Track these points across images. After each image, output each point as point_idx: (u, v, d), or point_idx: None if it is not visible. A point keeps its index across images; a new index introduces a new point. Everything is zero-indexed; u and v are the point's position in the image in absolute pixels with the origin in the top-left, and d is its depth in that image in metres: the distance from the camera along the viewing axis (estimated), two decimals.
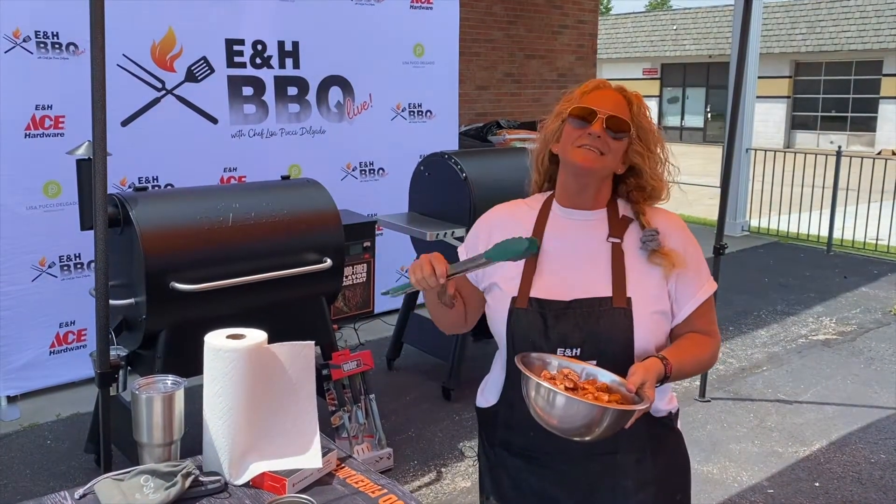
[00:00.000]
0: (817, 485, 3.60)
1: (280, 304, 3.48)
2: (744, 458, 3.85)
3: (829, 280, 7.24)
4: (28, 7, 4.09)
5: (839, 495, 3.51)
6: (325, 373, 3.48)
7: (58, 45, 4.21)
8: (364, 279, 4.19)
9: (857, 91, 22.80)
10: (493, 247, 1.55)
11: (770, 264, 7.91)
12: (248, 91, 4.97)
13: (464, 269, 1.59)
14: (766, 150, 9.64)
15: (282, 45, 5.07)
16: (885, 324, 5.93)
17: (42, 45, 4.16)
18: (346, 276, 4.01)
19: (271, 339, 1.67)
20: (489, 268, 1.71)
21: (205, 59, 4.75)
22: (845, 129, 23.11)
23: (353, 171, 5.57)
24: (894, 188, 8.88)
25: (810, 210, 9.08)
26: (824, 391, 4.67)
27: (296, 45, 5.13)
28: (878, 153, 18.99)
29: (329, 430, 3.45)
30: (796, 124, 24.27)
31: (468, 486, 3.55)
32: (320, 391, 3.45)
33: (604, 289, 1.61)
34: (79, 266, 4.44)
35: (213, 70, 4.78)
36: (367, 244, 4.14)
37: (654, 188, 1.68)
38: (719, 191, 4.61)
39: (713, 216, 7.27)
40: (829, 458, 3.85)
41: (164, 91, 4.61)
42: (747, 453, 3.90)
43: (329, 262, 3.55)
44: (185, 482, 1.52)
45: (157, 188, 4.58)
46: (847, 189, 8.82)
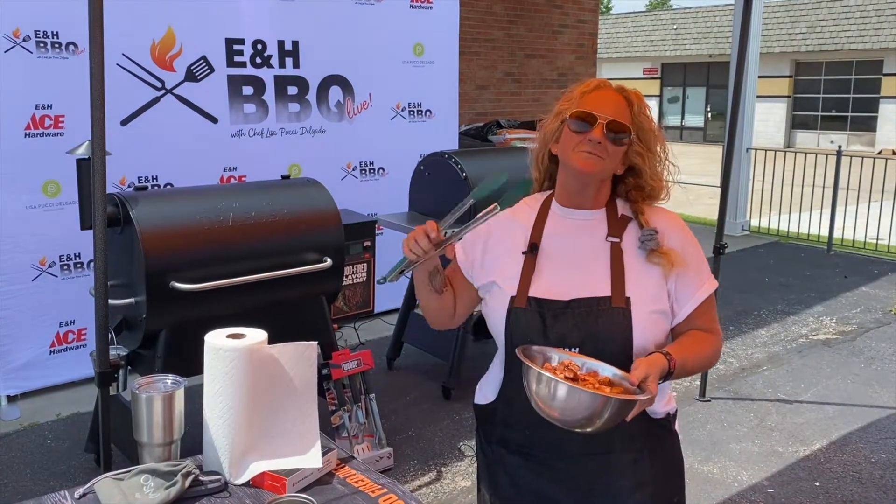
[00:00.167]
0: (817, 484, 3.60)
1: (280, 304, 3.48)
2: (744, 458, 3.85)
3: (830, 280, 7.24)
4: (28, 6, 4.09)
5: (839, 495, 3.51)
6: (325, 372, 3.48)
7: (57, 45, 4.21)
8: (364, 279, 4.19)
9: (858, 91, 22.80)
10: (476, 188, 1.62)
11: (770, 264, 7.91)
12: (248, 90, 4.97)
13: (453, 221, 1.61)
14: (766, 150, 9.64)
15: (282, 44, 5.07)
16: (886, 323, 5.93)
17: (42, 45, 4.15)
18: (347, 276, 4.01)
19: (271, 339, 1.67)
20: (487, 266, 1.72)
21: (204, 58, 4.75)
22: (845, 128, 23.11)
23: (354, 170, 5.57)
24: (895, 188, 8.88)
25: (811, 210, 9.08)
26: (824, 391, 4.67)
27: (296, 44, 5.13)
28: (879, 153, 18.99)
29: (329, 430, 3.45)
30: (796, 124, 24.27)
31: (468, 485, 3.55)
32: (320, 391, 3.45)
33: (602, 288, 1.61)
34: (79, 265, 4.44)
35: (212, 69, 4.78)
36: (367, 244, 4.15)
37: (653, 188, 1.67)
38: (719, 190, 4.61)
39: (713, 216, 7.27)
40: (830, 457, 3.85)
41: (163, 90, 4.61)
42: (747, 453, 3.90)
43: (329, 261, 3.55)
44: (185, 482, 1.52)
45: (156, 188, 4.58)
46: (847, 189, 8.82)
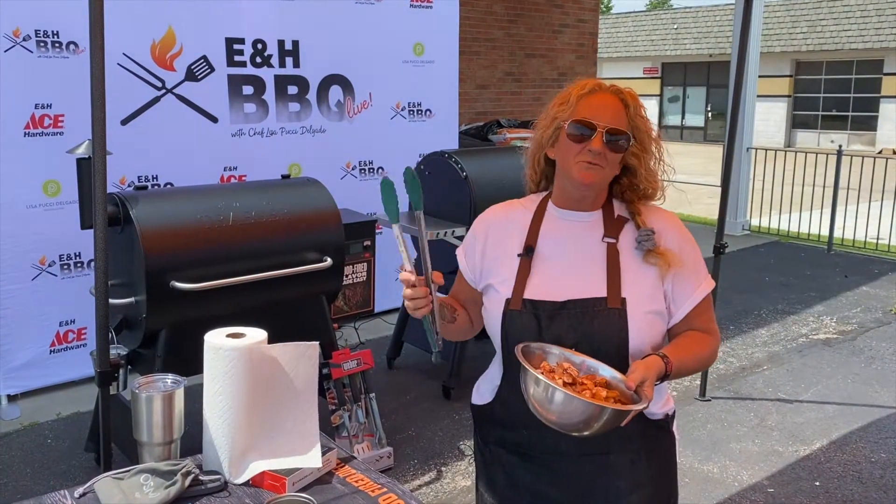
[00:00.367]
0: (818, 484, 3.60)
1: (280, 304, 3.48)
2: (744, 458, 3.85)
3: (830, 279, 7.24)
4: (28, 6, 4.09)
5: (839, 494, 3.51)
6: (325, 372, 3.47)
7: (58, 44, 4.20)
8: (364, 278, 4.19)
9: (858, 90, 22.78)
10: (389, 215, 1.65)
11: (770, 263, 7.90)
12: (248, 90, 4.97)
13: (412, 254, 1.63)
14: (766, 150, 9.63)
15: (282, 43, 5.07)
16: (886, 323, 5.93)
17: (42, 44, 4.15)
18: (347, 275, 4.01)
19: (271, 339, 1.66)
20: (486, 268, 1.72)
21: (205, 58, 4.75)
22: (846, 128, 23.09)
23: (353, 170, 5.56)
24: (895, 187, 8.87)
25: (811, 209, 9.07)
26: (825, 390, 4.67)
27: (296, 43, 5.13)
28: (879, 152, 18.99)
29: (329, 429, 3.45)
30: (797, 123, 24.25)
31: (468, 484, 3.55)
32: (320, 390, 3.45)
33: (598, 289, 1.60)
34: (79, 265, 4.44)
35: (213, 69, 4.78)
36: (367, 243, 4.15)
37: (648, 188, 1.67)
38: (720, 190, 4.61)
39: (713, 215, 7.26)
40: (830, 457, 3.85)
41: (164, 90, 4.61)
42: (748, 452, 3.90)
43: (329, 261, 3.55)
44: (184, 481, 1.52)
45: (157, 187, 4.58)
46: (848, 188, 8.81)
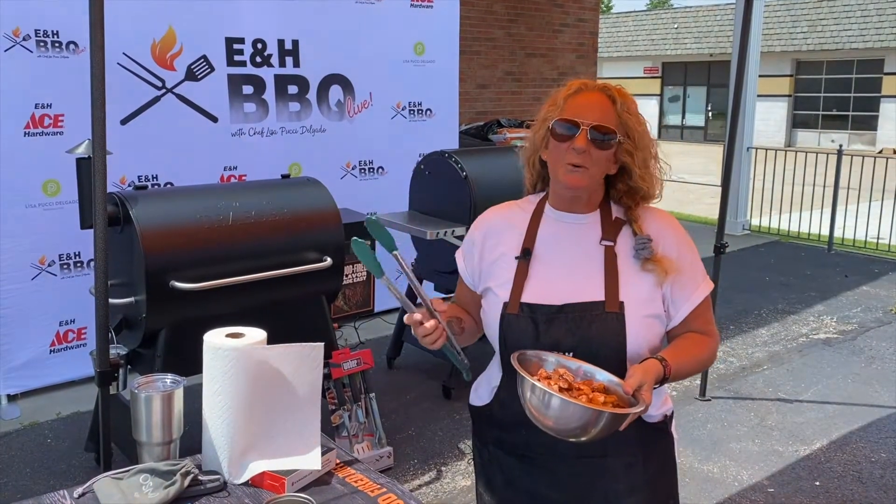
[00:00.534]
0: (818, 484, 3.60)
1: (280, 303, 3.48)
2: (744, 457, 3.84)
3: (830, 279, 7.23)
4: (28, 5, 4.09)
5: (840, 494, 3.51)
6: (325, 371, 3.47)
7: (58, 44, 4.20)
8: (364, 278, 4.19)
9: (859, 90, 22.77)
10: (369, 265, 1.65)
11: (771, 263, 7.90)
12: (248, 90, 4.96)
13: (402, 299, 1.64)
14: (767, 149, 9.63)
15: (282, 43, 5.06)
16: (886, 323, 5.93)
17: (42, 44, 4.15)
18: (347, 275, 4.01)
19: (271, 338, 1.66)
20: (484, 272, 1.72)
21: (205, 57, 4.75)
22: (846, 127, 23.08)
23: (354, 169, 5.56)
24: (895, 187, 8.87)
25: (811, 209, 9.07)
26: (825, 390, 4.67)
27: (296, 43, 5.13)
28: (880, 152, 18.98)
29: (329, 429, 3.45)
30: (797, 123, 24.24)
31: (468, 484, 3.55)
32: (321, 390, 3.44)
33: (596, 293, 1.60)
34: (79, 264, 4.44)
35: (213, 68, 4.78)
36: (367, 243, 4.14)
37: (644, 188, 1.65)
38: (720, 189, 4.61)
39: (714, 215, 7.25)
40: (830, 457, 3.85)
41: (164, 90, 4.61)
42: (748, 452, 3.90)
43: (329, 260, 3.54)
44: (184, 481, 1.52)
45: (157, 187, 4.58)
46: (848, 188, 8.81)
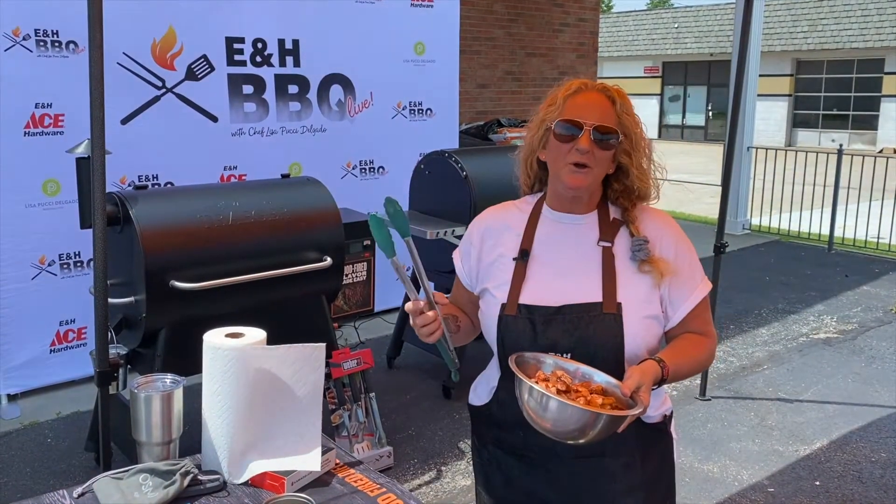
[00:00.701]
0: (818, 483, 3.60)
1: (280, 303, 3.48)
2: (744, 457, 3.84)
3: (831, 278, 7.23)
4: (28, 5, 4.08)
5: (840, 494, 3.51)
6: (325, 371, 3.47)
7: (58, 44, 4.20)
8: (364, 277, 4.19)
9: (859, 89, 22.76)
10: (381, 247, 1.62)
11: (771, 263, 7.90)
12: (248, 89, 4.96)
13: (411, 284, 1.60)
14: (767, 149, 9.63)
15: (282, 43, 5.06)
16: (886, 322, 5.92)
17: (42, 44, 4.15)
18: (347, 275, 4.01)
19: (271, 338, 1.66)
20: (482, 273, 1.71)
21: (205, 57, 4.74)
22: (847, 127, 23.07)
23: (354, 169, 5.56)
24: None
25: (811, 208, 9.07)
26: (825, 390, 4.67)
27: (296, 43, 5.12)
28: (880, 151, 18.98)
29: (329, 429, 3.45)
30: (797, 122, 24.24)
31: (468, 484, 3.55)
32: None
33: (594, 294, 1.59)
34: (79, 264, 4.43)
35: (213, 68, 4.78)
36: (367, 242, 4.14)
37: (641, 188, 1.65)
38: (720, 189, 4.61)
39: (714, 214, 7.26)
40: (830, 456, 3.85)
41: (164, 89, 4.61)
42: (748, 452, 3.90)
43: (329, 260, 3.54)
44: (183, 481, 1.52)
45: (157, 186, 4.58)
46: (848, 187, 8.81)
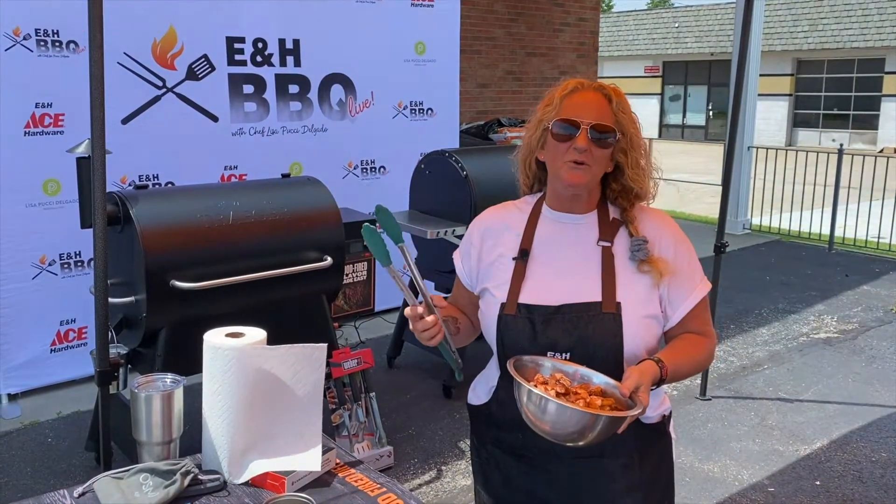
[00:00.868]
0: (818, 483, 3.60)
1: (280, 303, 3.48)
2: (745, 457, 3.84)
3: (831, 278, 7.23)
4: (28, 5, 4.09)
5: (840, 494, 3.51)
6: (325, 371, 3.47)
7: (58, 43, 4.20)
8: (364, 277, 4.19)
9: (860, 89, 22.76)
10: (378, 257, 1.60)
11: (771, 262, 7.90)
12: (248, 89, 4.96)
13: (405, 290, 1.60)
14: (767, 148, 9.62)
15: (283, 42, 5.06)
16: (887, 322, 5.92)
17: (42, 43, 4.15)
18: (347, 274, 4.01)
19: (271, 338, 1.66)
20: (482, 273, 1.71)
21: (205, 56, 4.75)
22: (847, 126, 23.07)
23: (355, 169, 5.56)
24: None
25: (812, 208, 9.07)
26: (825, 389, 4.67)
27: (297, 42, 5.12)
28: (880, 151, 18.97)
29: (329, 429, 3.45)
30: (798, 122, 24.23)
31: (468, 483, 3.55)
32: None
33: (593, 293, 1.60)
34: (79, 264, 4.44)
35: (213, 68, 4.78)
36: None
37: (637, 188, 1.65)
38: (721, 189, 4.60)
39: (714, 214, 7.25)
40: (830, 456, 3.85)
41: (164, 89, 4.61)
42: (748, 452, 3.90)
43: (329, 260, 3.54)
44: (183, 480, 1.52)
45: (157, 186, 4.58)
46: (849, 187, 8.80)
